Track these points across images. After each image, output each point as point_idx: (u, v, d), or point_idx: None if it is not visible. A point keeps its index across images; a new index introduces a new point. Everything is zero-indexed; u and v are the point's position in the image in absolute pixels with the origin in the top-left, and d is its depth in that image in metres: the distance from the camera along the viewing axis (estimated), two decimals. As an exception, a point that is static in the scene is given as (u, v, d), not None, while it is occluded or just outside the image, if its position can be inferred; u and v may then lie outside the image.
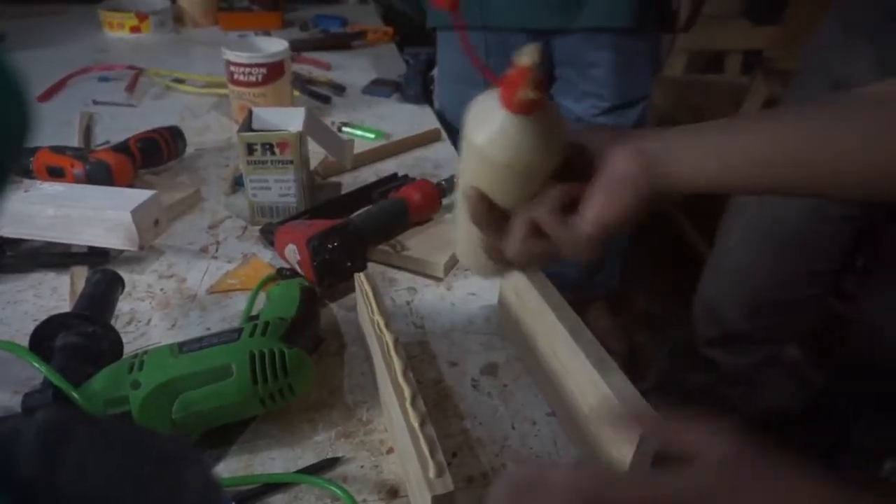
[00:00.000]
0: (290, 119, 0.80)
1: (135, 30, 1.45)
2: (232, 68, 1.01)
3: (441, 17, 1.17)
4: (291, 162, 0.76)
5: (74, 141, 0.97)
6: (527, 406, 0.56)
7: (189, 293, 0.68)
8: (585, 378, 0.49)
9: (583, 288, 1.39)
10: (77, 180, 0.78)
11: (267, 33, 1.46)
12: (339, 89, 1.21)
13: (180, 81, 1.21)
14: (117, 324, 0.62)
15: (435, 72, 1.19)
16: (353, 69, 1.34)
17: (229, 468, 0.50)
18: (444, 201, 0.80)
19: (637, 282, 1.96)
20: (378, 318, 0.53)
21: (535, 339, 0.57)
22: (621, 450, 0.44)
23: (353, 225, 0.68)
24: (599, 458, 0.47)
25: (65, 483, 0.20)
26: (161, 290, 0.69)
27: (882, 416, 1.10)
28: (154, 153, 0.88)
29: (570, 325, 0.52)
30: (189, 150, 0.95)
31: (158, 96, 1.18)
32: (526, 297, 0.59)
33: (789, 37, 1.67)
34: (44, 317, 0.55)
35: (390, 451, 0.52)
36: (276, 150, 0.75)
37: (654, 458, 0.43)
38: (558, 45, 1.12)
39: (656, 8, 1.11)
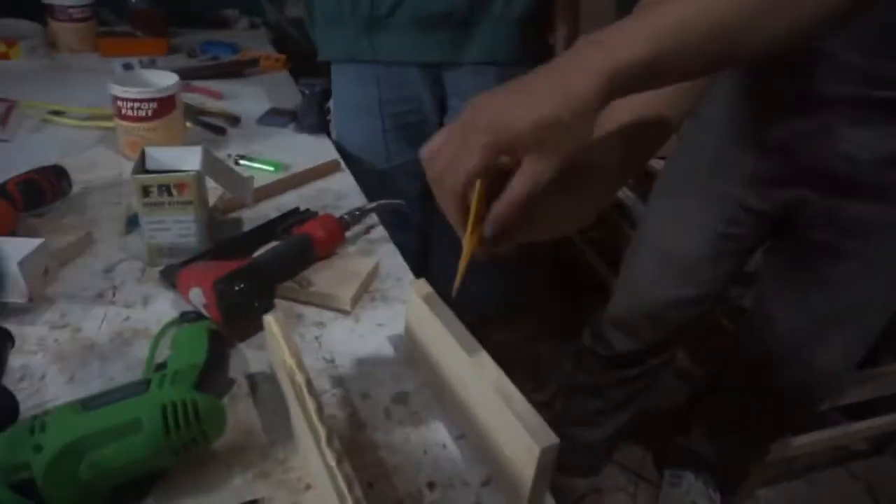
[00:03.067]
0: (186, 157, 0.79)
1: (2, 56, 1.36)
2: (119, 103, 0.98)
3: (333, 50, 1.19)
4: (191, 202, 0.76)
5: (-60, 183, 0.90)
6: (437, 431, 0.60)
7: (86, 343, 0.66)
8: (487, 400, 0.53)
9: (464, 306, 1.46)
10: (-50, 229, 0.73)
11: (152, 61, 1.41)
12: (234, 120, 1.20)
13: (59, 114, 1.15)
14: (7, 382, 0.59)
15: (331, 103, 1.21)
16: (246, 98, 1.33)
17: (144, 523, 0.50)
18: (348, 234, 0.82)
19: (534, 298, 2.08)
20: (290, 359, 0.54)
21: (441, 365, 0.61)
22: (526, 467, 0.48)
23: (260, 265, 0.69)
24: (506, 477, 0.52)
25: None
26: (55, 341, 0.66)
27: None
28: (36, 195, 0.83)
29: (469, 350, 0.56)
30: (75, 188, 0.91)
31: (35, 130, 1.11)
32: (428, 324, 0.62)
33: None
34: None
35: (308, 487, 0.53)
36: (175, 191, 0.75)
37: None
38: (449, 77, 1.18)
39: (537, 42, 1.19)
